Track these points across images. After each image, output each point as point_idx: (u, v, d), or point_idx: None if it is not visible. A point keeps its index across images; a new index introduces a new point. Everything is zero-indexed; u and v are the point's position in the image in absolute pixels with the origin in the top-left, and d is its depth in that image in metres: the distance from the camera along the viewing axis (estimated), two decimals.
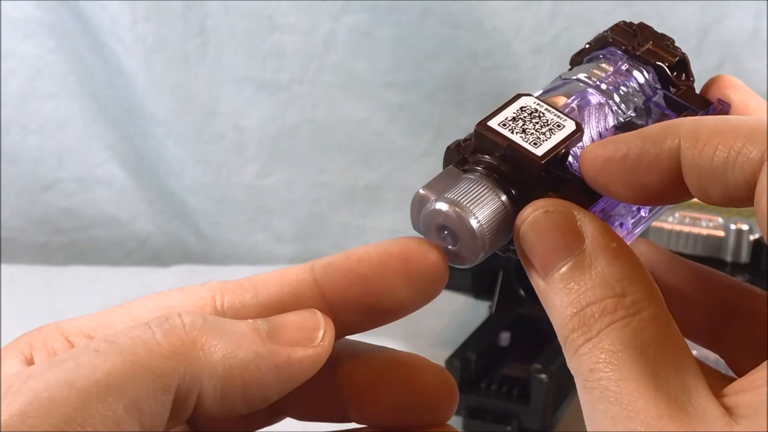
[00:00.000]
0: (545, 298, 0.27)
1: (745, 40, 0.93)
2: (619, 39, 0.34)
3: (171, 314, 0.27)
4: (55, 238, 1.04)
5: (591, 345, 0.26)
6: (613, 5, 0.93)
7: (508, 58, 0.95)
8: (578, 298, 0.26)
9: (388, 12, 0.94)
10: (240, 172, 1.00)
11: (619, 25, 0.35)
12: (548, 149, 0.29)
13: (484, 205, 0.28)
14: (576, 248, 0.27)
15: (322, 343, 0.28)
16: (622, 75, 0.33)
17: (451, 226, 0.28)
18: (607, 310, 0.26)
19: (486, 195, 0.28)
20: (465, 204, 0.28)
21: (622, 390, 0.25)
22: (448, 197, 0.28)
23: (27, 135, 1.01)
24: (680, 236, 0.68)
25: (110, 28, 0.96)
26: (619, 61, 0.33)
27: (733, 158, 0.26)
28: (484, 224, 0.28)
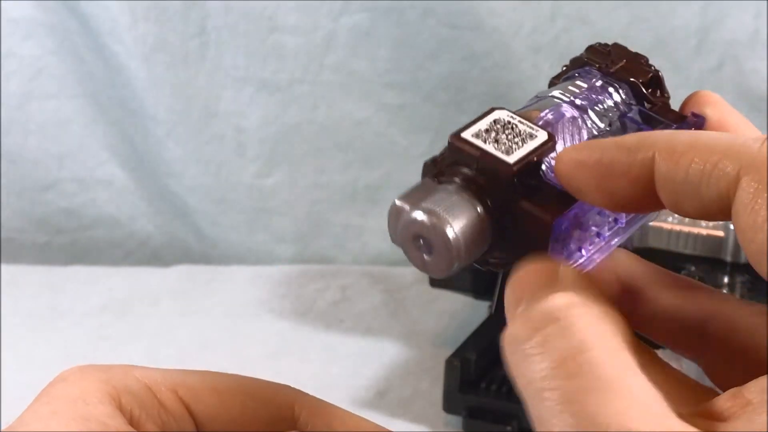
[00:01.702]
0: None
1: (745, 40, 0.93)
2: (593, 58, 0.34)
3: None
4: (55, 238, 1.04)
5: None
6: (613, 5, 0.93)
7: (508, 58, 0.95)
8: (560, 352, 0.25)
9: (388, 12, 0.94)
10: (240, 172, 1.00)
11: (594, 47, 0.35)
12: (520, 157, 0.29)
13: (460, 215, 0.28)
14: (550, 287, 0.26)
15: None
16: (597, 91, 0.34)
17: (426, 235, 0.28)
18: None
19: (461, 205, 0.28)
20: (440, 213, 0.28)
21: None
22: (423, 206, 0.28)
23: (27, 135, 1.01)
24: (680, 236, 0.68)
25: (110, 29, 0.96)
26: (593, 78, 0.33)
27: (708, 172, 0.26)
28: (459, 234, 0.28)
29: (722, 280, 0.66)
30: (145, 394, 0.29)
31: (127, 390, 0.28)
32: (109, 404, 0.28)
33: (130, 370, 0.29)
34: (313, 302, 0.90)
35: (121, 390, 0.28)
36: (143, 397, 0.28)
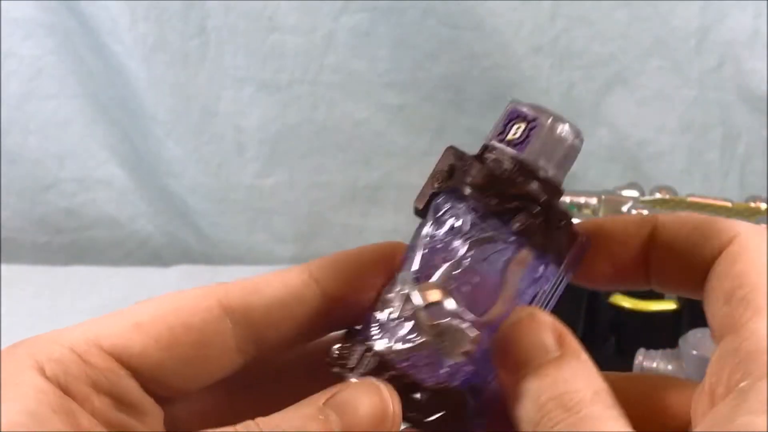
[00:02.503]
0: (513, 388, 0.28)
1: (745, 40, 0.93)
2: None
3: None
4: (55, 238, 1.04)
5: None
6: (613, 5, 0.93)
7: (508, 58, 0.95)
8: (552, 387, 0.28)
9: (388, 12, 0.94)
10: (240, 172, 1.00)
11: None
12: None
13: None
14: (555, 350, 0.28)
15: (393, 428, 0.28)
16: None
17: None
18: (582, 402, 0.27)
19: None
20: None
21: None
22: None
23: (27, 135, 1.01)
24: None
25: (110, 29, 0.96)
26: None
27: (697, 238, 0.30)
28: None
29: None
30: (68, 357, 0.28)
31: (50, 358, 0.28)
32: (38, 377, 0.27)
33: (56, 336, 0.29)
34: None
35: (45, 360, 0.28)
36: (67, 360, 0.28)
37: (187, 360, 0.30)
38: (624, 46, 0.94)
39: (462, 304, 0.30)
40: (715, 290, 0.29)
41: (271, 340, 0.31)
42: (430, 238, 0.30)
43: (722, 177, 0.97)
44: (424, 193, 0.31)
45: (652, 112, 0.96)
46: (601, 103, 0.96)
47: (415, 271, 0.30)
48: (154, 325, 0.29)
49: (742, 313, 0.27)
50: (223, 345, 0.30)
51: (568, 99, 0.96)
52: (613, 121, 0.97)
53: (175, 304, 0.30)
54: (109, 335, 0.29)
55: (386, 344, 0.30)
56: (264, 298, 0.30)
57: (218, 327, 0.30)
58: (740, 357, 0.26)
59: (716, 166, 0.97)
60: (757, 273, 0.28)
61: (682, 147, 0.97)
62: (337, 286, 0.31)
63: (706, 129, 0.96)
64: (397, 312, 0.30)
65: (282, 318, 0.31)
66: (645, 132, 0.97)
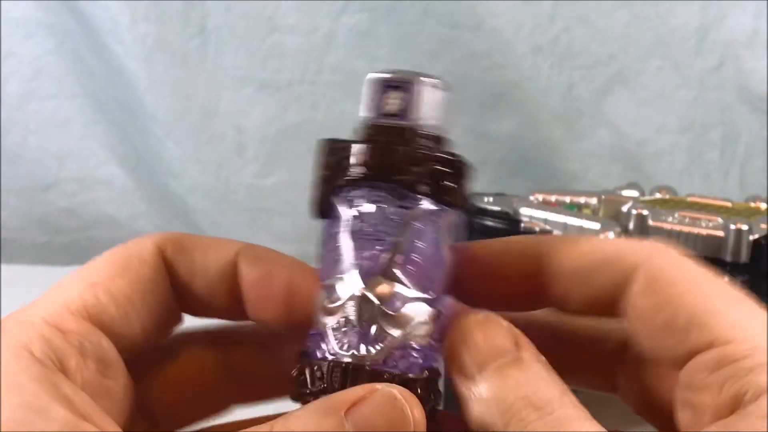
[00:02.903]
0: (472, 390, 0.28)
1: (745, 40, 0.93)
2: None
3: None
4: (55, 238, 1.04)
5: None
6: (613, 5, 0.93)
7: (508, 58, 0.95)
8: (515, 388, 0.27)
9: (388, 12, 0.94)
10: (240, 172, 1.00)
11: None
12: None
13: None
14: (513, 351, 0.28)
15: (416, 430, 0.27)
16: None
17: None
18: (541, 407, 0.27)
19: None
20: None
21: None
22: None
23: (27, 135, 1.01)
24: (680, 236, 0.68)
25: (110, 29, 0.96)
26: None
27: (604, 262, 0.29)
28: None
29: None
30: (48, 332, 0.28)
31: (33, 337, 0.28)
32: (26, 359, 0.27)
33: (26, 314, 0.29)
34: None
35: (31, 340, 0.28)
36: (49, 335, 0.28)
37: (147, 310, 0.30)
38: (624, 46, 0.94)
39: (411, 285, 0.29)
40: (645, 319, 0.28)
41: (205, 275, 0.31)
42: (351, 233, 0.29)
43: (722, 177, 0.97)
44: (319, 194, 0.30)
45: (652, 112, 0.96)
46: (601, 103, 0.96)
47: (349, 271, 0.29)
48: (111, 281, 0.30)
49: (699, 334, 0.27)
50: (168, 293, 0.31)
51: (568, 99, 0.96)
52: (613, 121, 0.97)
53: (121, 259, 0.31)
54: (75, 299, 0.29)
55: (356, 353, 0.28)
56: (196, 244, 0.32)
57: (164, 275, 0.31)
58: (734, 371, 0.26)
59: (716, 166, 0.97)
60: (691, 294, 0.28)
61: (682, 147, 0.97)
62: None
63: (706, 129, 0.96)
64: (353, 316, 0.29)
65: (213, 255, 0.31)
66: (645, 132, 0.97)
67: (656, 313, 0.28)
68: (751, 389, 0.25)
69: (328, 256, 0.30)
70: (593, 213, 0.73)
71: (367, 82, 0.30)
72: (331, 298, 0.29)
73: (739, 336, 0.26)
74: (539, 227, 0.71)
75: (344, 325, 0.29)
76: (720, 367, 0.26)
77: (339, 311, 0.29)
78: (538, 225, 0.71)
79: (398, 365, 0.29)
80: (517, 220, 0.71)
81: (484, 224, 0.72)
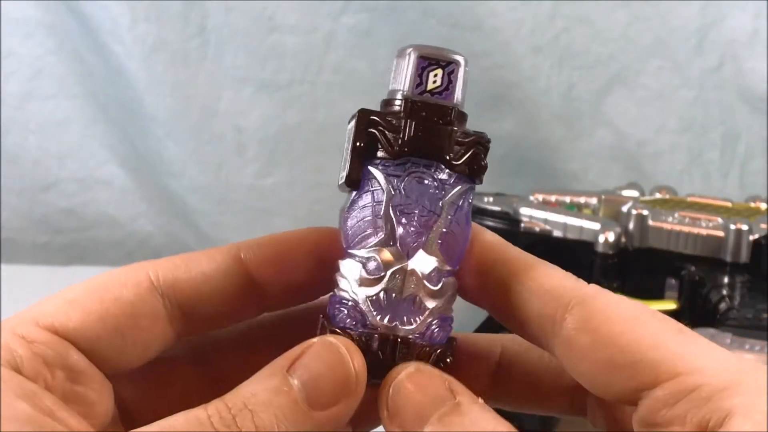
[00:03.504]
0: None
1: (745, 40, 0.93)
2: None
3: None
4: (55, 238, 1.04)
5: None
6: (613, 5, 0.93)
7: (508, 58, 0.95)
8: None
9: (388, 12, 0.94)
10: (240, 172, 1.00)
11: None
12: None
13: None
14: (451, 398, 0.28)
15: (357, 389, 0.29)
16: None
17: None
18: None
19: None
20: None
21: None
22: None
23: (27, 135, 1.01)
24: (680, 236, 0.68)
25: (110, 29, 0.96)
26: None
27: (542, 295, 0.30)
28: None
29: (722, 280, 0.66)
30: (13, 341, 0.29)
31: (1, 348, 0.28)
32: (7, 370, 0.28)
33: (4, 324, 0.30)
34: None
35: (5, 352, 0.28)
36: (13, 344, 0.28)
37: (121, 331, 0.30)
38: (624, 46, 0.94)
39: (446, 260, 0.30)
40: (584, 357, 0.29)
41: (200, 314, 0.32)
42: (393, 206, 0.30)
43: (722, 177, 0.97)
44: (354, 164, 0.30)
45: (652, 112, 0.96)
46: (601, 103, 0.96)
47: (391, 244, 0.30)
48: (86, 300, 0.30)
49: (644, 371, 0.27)
50: (154, 316, 0.31)
51: (568, 99, 0.96)
52: (613, 121, 0.97)
53: (105, 280, 0.31)
54: (46, 314, 0.30)
55: (398, 325, 0.30)
56: (191, 273, 0.31)
57: (148, 299, 0.31)
58: (693, 402, 0.26)
59: (716, 166, 0.97)
60: (631, 331, 0.28)
61: (682, 147, 0.97)
62: (263, 266, 0.32)
63: (706, 129, 0.96)
64: (398, 289, 0.30)
65: (209, 293, 0.31)
66: (645, 132, 0.97)
67: (596, 351, 0.28)
68: (713, 415, 0.26)
69: (358, 225, 0.30)
70: (593, 213, 0.73)
71: (407, 56, 0.31)
72: (369, 270, 0.30)
73: (687, 367, 0.27)
74: (539, 227, 0.71)
75: (385, 297, 0.30)
76: (677, 400, 0.27)
77: (378, 283, 0.30)
78: (538, 225, 0.71)
79: (434, 336, 0.30)
80: (517, 220, 0.71)
81: (484, 224, 0.72)
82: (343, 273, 0.30)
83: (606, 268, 0.67)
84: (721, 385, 0.26)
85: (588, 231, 0.69)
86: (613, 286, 0.67)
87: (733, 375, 0.26)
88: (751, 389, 0.26)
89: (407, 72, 0.31)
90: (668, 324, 0.28)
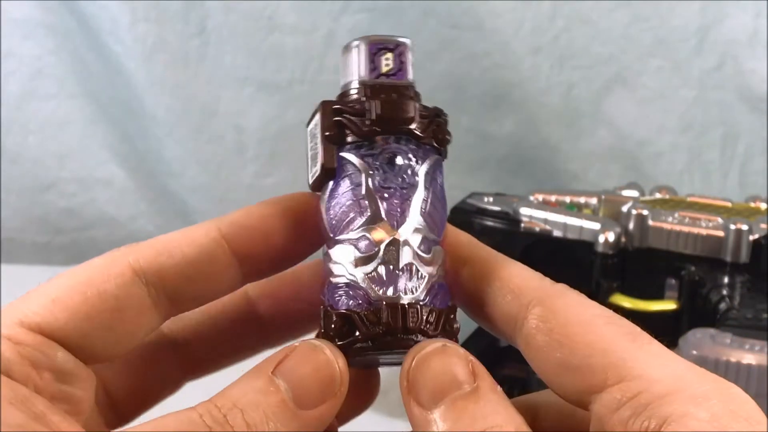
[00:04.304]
0: (429, 421, 0.28)
1: (745, 40, 0.93)
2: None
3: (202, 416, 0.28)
4: (55, 238, 1.04)
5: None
6: (613, 5, 0.93)
7: (508, 58, 0.95)
8: (472, 423, 0.27)
9: (388, 12, 0.94)
10: (240, 172, 1.00)
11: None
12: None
13: None
14: (470, 382, 0.28)
15: (342, 389, 0.29)
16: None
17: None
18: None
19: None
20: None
21: None
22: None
23: (27, 135, 1.01)
24: (680, 236, 0.68)
25: (110, 29, 0.96)
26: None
27: (505, 293, 0.31)
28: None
29: (722, 280, 0.66)
30: (5, 345, 0.28)
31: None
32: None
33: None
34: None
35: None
36: (5, 348, 0.28)
37: (108, 326, 0.30)
38: (624, 46, 0.94)
39: (431, 229, 0.31)
40: (542, 356, 0.29)
41: (186, 297, 0.32)
42: (374, 186, 0.31)
43: (722, 177, 0.97)
44: (328, 155, 0.31)
45: (652, 112, 0.96)
46: (601, 103, 0.96)
47: (380, 221, 0.31)
48: (70, 298, 0.30)
49: (594, 373, 0.27)
50: (140, 306, 0.31)
51: (568, 99, 0.96)
52: (613, 121, 0.97)
53: (87, 273, 0.31)
54: (31, 314, 0.30)
55: (402, 294, 0.30)
56: (174, 258, 0.31)
57: (132, 290, 0.31)
58: (634, 408, 0.26)
59: (716, 166, 0.97)
60: (585, 333, 0.28)
61: (682, 147, 0.97)
62: (244, 239, 0.32)
63: (706, 129, 0.96)
64: (395, 260, 0.30)
65: (194, 275, 0.31)
66: (645, 132, 0.97)
67: (551, 351, 0.28)
68: (651, 422, 0.26)
69: (342, 212, 0.31)
70: (593, 213, 0.73)
71: (355, 47, 0.32)
72: (362, 249, 0.31)
73: (632, 373, 0.27)
74: (539, 227, 0.71)
75: (384, 270, 0.30)
76: (620, 405, 0.27)
77: (374, 259, 0.30)
78: (538, 225, 0.71)
79: (436, 300, 0.31)
80: (517, 220, 0.71)
81: (484, 224, 0.72)
82: (336, 260, 0.31)
83: (606, 268, 0.67)
84: (662, 391, 0.26)
85: (588, 231, 0.69)
86: (613, 286, 0.67)
87: (675, 382, 0.26)
88: (690, 397, 0.26)
89: (359, 60, 0.32)
90: (623, 329, 0.28)
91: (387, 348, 0.30)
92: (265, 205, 0.33)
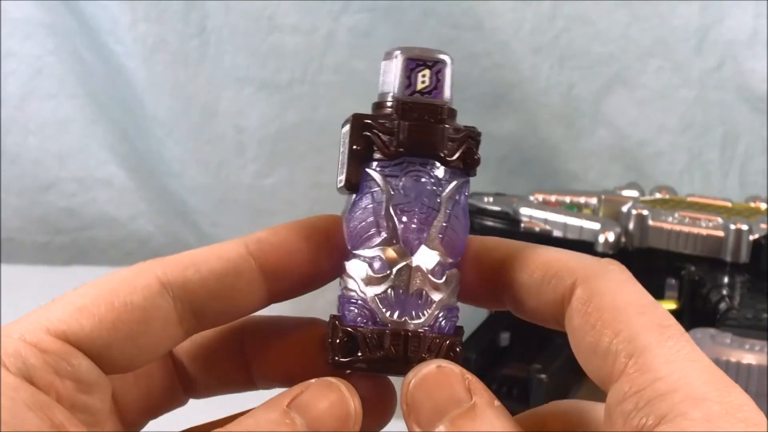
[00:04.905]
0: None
1: (745, 40, 0.93)
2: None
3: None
4: (55, 238, 1.04)
5: None
6: (613, 5, 0.93)
7: (508, 58, 0.95)
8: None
9: (388, 12, 0.94)
10: (240, 172, 1.00)
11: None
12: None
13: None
14: (467, 400, 0.29)
15: (355, 428, 0.29)
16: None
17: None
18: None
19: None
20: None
21: None
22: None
23: (27, 135, 1.01)
24: (680, 236, 0.68)
25: (110, 29, 0.96)
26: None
27: (549, 279, 0.30)
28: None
29: (722, 280, 0.66)
30: (24, 349, 0.28)
31: (7, 353, 0.28)
32: (8, 375, 0.27)
33: (4, 330, 0.29)
34: (313, 301, 0.90)
35: (3, 356, 0.28)
36: (24, 352, 0.28)
37: (132, 337, 0.30)
38: (624, 46, 0.94)
39: (448, 253, 0.31)
40: (577, 338, 0.29)
41: (211, 312, 0.32)
42: (393, 206, 0.31)
43: (722, 177, 0.97)
44: (353, 168, 0.31)
45: (652, 112, 0.96)
46: (601, 103, 0.96)
47: (395, 243, 0.31)
48: (97, 307, 0.30)
49: (615, 362, 0.27)
50: (165, 319, 0.31)
51: (568, 99, 0.96)
52: (613, 121, 0.97)
53: (115, 283, 0.30)
54: (57, 321, 0.29)
55: (408, 320, 0.31)
56: (201, 272, 0.31)
57: (158, 302, 0.30)
58: (637, 403, 0.26)
59: (716, 166, 0.97)
60: (617, 321, 0.28)
61: (682, 147, 0.97)
62: (271, 259, 0.32)
63: (706, 129, 0.96)
64: (404, 285, 0.31)
65: (220, 291, 0.31)
66: (645, 132, 0.97)
67: (585, 334, 0.28)
68: (649, 420, 0.26)
69: (361, 227, 0.31)
70: (593, 213, 0.73)
71: (394, 58, 0.32)
72: (376, 269, 0.31)
73: (645, 366, 0.27)
74: (539, 227, 0.71)
75: (393, 293, 0.31)
76: (626, 398, 0.26)
77: (386, 281, 0.31)
78: (538, 225, 0.71)
79: (442, 327, 0.31)
80: (517, 220, 0.71)
81: (484, 224, 0.72)
82: (350, 273, 0.31)
83: None
84: (664, 389, 0.26)
85: (588, 231, 0.69)
86: None
87: (678, 380, 0.26)
88: (689, 397, 0.26)
89: (396, 74, 0.32)
90: (654, 320, 0.28)
91: (385, 373, 0.31)
92: (292, 224, 0.33)
